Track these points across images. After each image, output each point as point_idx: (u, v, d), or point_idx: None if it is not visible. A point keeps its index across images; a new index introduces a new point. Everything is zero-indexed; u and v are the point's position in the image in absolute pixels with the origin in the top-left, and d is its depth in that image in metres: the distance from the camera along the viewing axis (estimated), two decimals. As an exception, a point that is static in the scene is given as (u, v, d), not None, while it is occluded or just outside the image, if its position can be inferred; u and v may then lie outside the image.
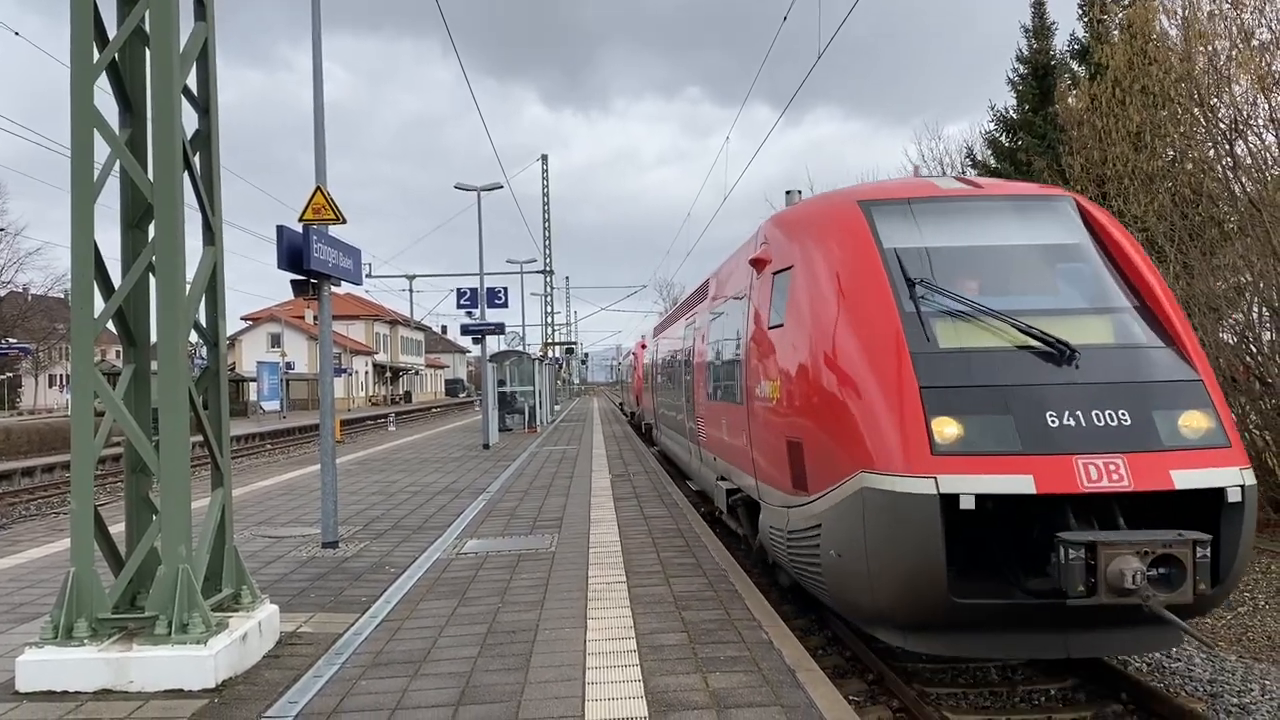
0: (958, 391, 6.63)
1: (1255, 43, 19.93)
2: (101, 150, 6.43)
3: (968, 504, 6.13)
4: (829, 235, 8.16)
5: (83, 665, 6.00)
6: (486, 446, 27.18)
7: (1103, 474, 6.18)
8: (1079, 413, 6.47)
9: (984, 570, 6.63)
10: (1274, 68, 19.45)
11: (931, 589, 6.20)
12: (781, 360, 8.44)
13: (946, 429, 6.42)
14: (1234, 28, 20.25)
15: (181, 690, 5.94)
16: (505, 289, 31.24)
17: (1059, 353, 6.82)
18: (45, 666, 6.00)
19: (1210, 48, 20.68)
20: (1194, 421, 6.56)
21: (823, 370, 7.49)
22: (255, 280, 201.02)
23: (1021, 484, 6.17)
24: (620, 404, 65.47)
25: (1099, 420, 6.45)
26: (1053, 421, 6.41)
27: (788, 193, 11.18)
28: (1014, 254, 7.95)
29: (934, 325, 7.08)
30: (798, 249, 8.51)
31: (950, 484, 6.18)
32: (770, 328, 8.86)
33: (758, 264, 9.63)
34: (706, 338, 13.82)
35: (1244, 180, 18.82)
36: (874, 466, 6.52)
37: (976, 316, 7.14)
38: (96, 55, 6.40)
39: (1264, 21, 19.85)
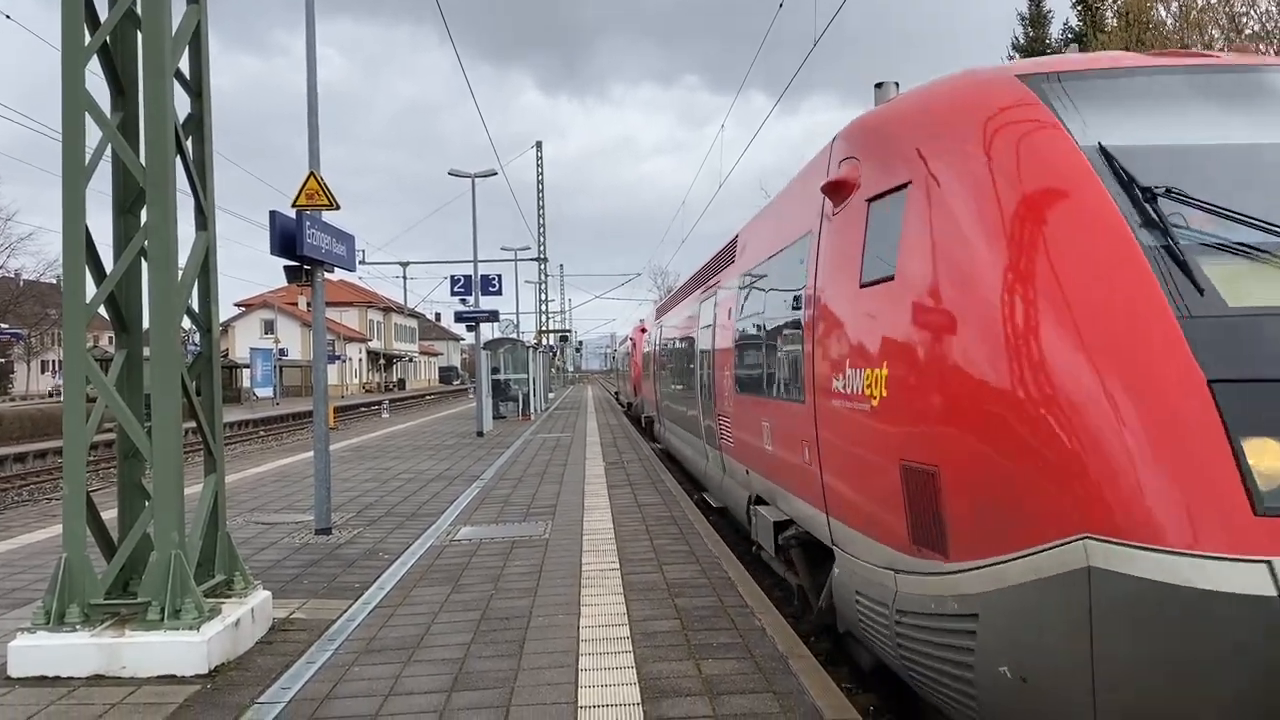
0: None
1: (1247, 33, 20.01)
2: (93, 134, 6.40)
3: None
4: (978, 129, 5.06)
5: (75, 651, 5.99)
6: (480, 434, 27.17)
7: None
8: None
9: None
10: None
11: None
12: (887, 333, 5.42)
13: (1273, 462, 3.58)
14: (1224, 17, 20.34)
15: (174, 676, 5.94)
16: (499, 276, 31.27)
17: None
18: (37, 652, 5.99)
19: (1206, 36, 20.74)
20: None
21: (989, 347, 4.43)
22: (249, 267, 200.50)
23: None
24: (615, 393, 59.53)
25: None
26: None
27: (878, 86, 7.19)
28: None
29: (1205, 269, 4.16)
30: (919, 157, 5.39)
31: None
32: (865, 285, 5.79)
33: (837, 190, 6.44)
34: (735, 311, 11.05)
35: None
36: (1116, 530, 3.63)
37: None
38: (88, 38, 6.36)
39: (1254, 14, 19.93)
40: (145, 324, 6.66)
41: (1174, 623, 3.45)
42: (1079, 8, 30.87)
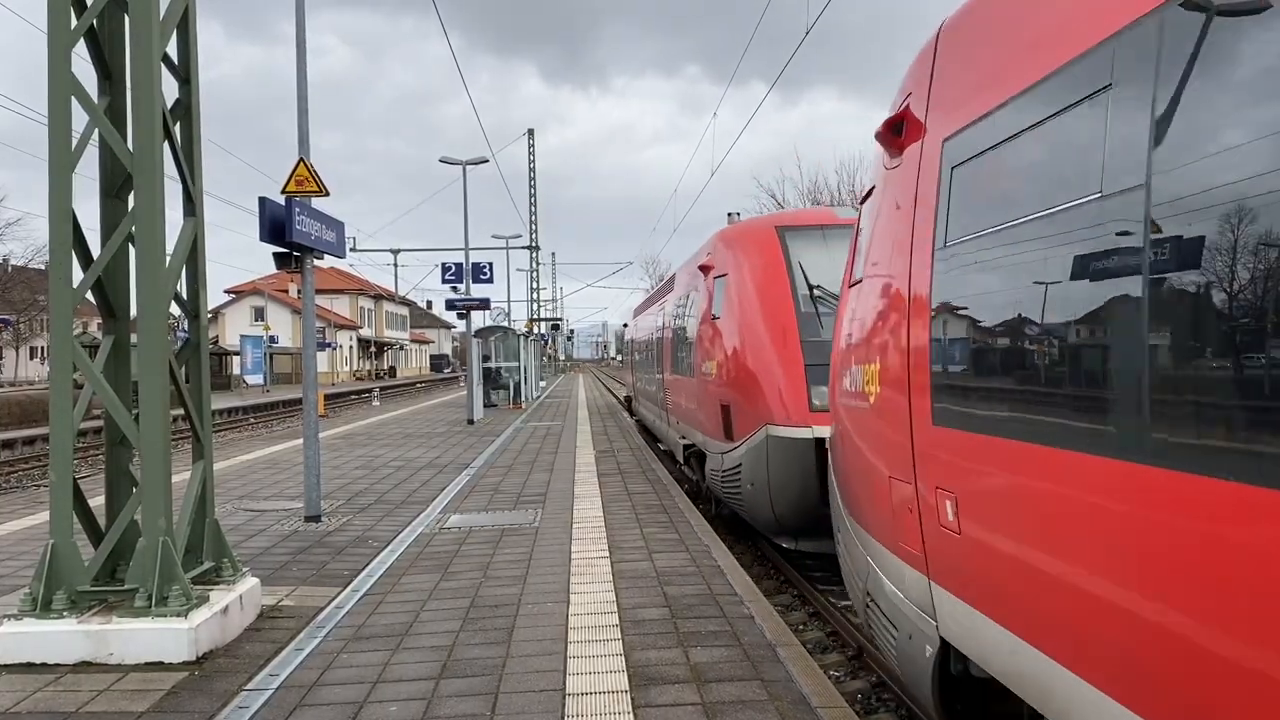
0: None
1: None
2: (80, 120, 6.35)
3: None
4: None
5: (62, 637, 5.97)
6: (471, 422, 27.15)
7: None
8: None
9: None
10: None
11: None
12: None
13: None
14: None
15: (162, 663, 5.93)
16: (490, 264, 31.15)
17: None
18: (24, 639, 5.98)
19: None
20: None
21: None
22: (241, 254, 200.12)
23: None
24: (627, 400, 36.20)
25: None
26: None
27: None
28: None
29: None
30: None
31: None
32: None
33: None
34: None
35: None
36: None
37: None
38: (74, 21, 6.31)
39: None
40: (133, 310, 6.63)
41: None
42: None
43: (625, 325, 36.23)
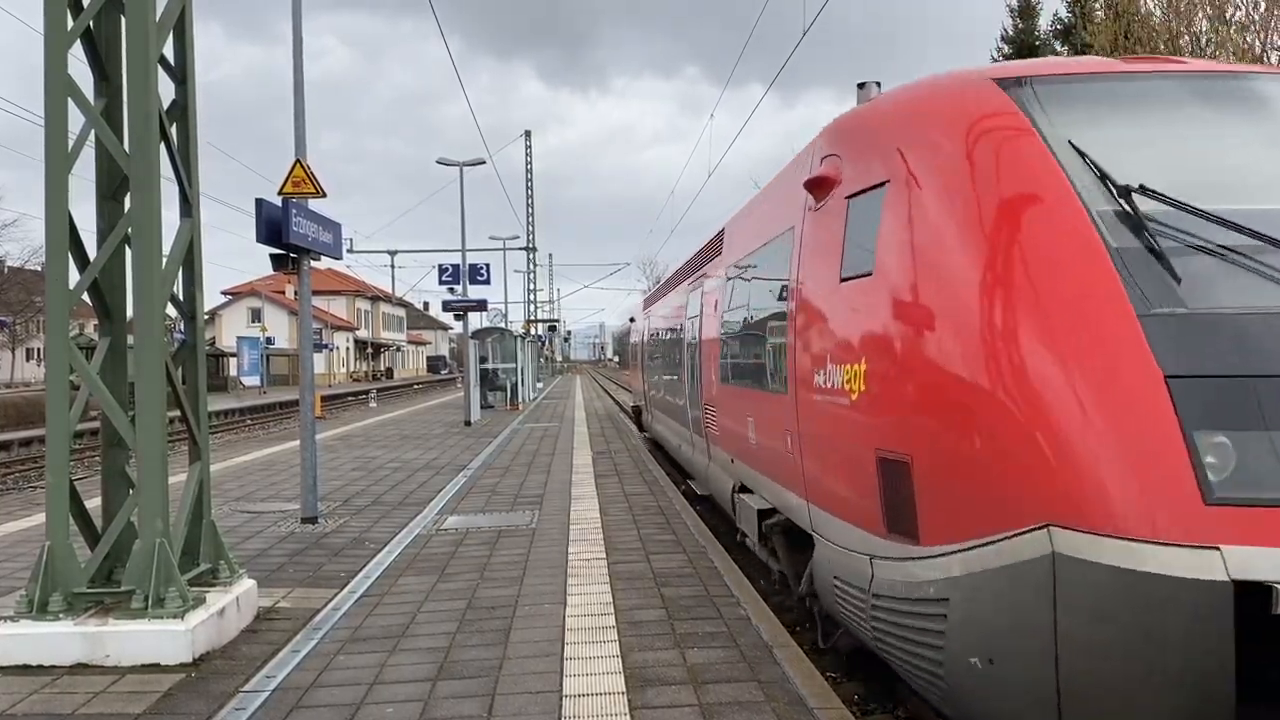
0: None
1: (1236, 20, 20.10)
2: (77, 121, 6.36)
3: None
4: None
5: (58, 639, 5.96)
6: (468, 423, 27.15)
7: None
8: None
9: None
10: (1254, 47, 19.62)
11: None
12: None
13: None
14: (1210, 6, 20.44)
15: (158, 665, 5.92)
16: (487, 265, 31.21)
17: None
18: (20, 641, 5.96)
19: (1195, 27, 20.84)
20: None
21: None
22: (238, 255, 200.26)
23: None
24: (635, 411, 27.39)
25: None
26: None
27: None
28: None
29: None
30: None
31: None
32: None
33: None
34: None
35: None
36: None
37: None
38: (70, 23, 6.31)
39: (1239, 1, 19.98)
40: (129, 312, 6.63)
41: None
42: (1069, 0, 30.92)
43: (632, 320, 28.37)
